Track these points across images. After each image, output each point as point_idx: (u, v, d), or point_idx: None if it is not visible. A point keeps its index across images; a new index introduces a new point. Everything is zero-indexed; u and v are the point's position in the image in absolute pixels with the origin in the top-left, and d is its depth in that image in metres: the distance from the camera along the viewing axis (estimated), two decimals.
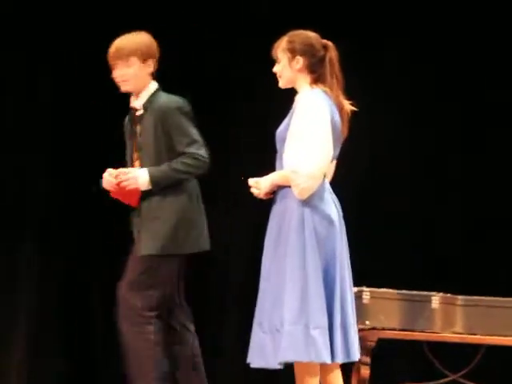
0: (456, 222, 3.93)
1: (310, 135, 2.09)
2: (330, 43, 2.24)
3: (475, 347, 3.09)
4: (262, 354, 2.10)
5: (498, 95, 3.93)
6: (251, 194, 2.23)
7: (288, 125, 2.18)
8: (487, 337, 3.01)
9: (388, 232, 3.81)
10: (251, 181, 2.19)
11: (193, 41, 3.97)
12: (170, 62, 4.02)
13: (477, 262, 3.89)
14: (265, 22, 3.86)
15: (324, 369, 2.12)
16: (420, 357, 3.12)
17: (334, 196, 2.21)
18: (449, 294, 3.05)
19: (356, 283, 2.92)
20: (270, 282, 2.13)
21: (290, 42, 2.22)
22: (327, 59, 2.21)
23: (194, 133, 2.47)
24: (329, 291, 2.09)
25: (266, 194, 2.18)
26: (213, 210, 2.73)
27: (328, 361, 2.07)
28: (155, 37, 4.04)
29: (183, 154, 2.44)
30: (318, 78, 2.21)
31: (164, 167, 2.44)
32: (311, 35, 2.24)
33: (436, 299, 3.00)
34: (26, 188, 3.78)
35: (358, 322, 2.88)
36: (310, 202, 2.11)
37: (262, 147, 2.98)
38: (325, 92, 2.18)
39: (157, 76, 2.92)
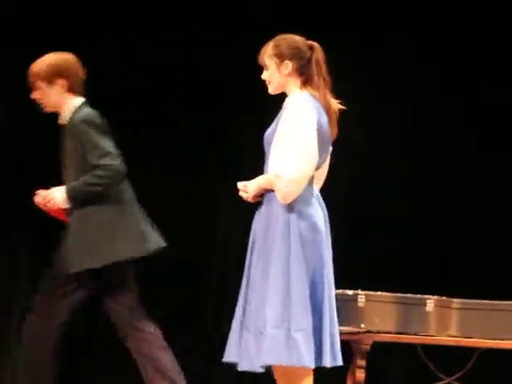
0: (457, 222, 3.96)
1: (295, 140, 2.10)
2: (315, 44, 2.25)
3: (470, 350, 3.08)
4: (249, 357, 2.11)
5: (498, 95, 3.93)
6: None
7: (275, 128, 2.19)
8: (482, 340, 3.00)
9: (386, 233, 3.84)
10: (240, 184, 2.20)
11: (193, 41, 3.98)
12: (170, 61, 4.10)
13: (477, 263, 3.91)
14: (265, 22, 3.85)
15: (291, 372, 2.12)
16: (415, 360, 3.12)
17: (321, 200, 2.21)
18: (444, 297, 3.04)
19: (350, 285, 2.97)
20: (255, 285, 2.14)
21: (276, 46, 2.22)
22: (314, 60, 2.22)
23: (106, 145, 2.54)
24: (316, 295, 2.10)
25: (254, 197, 2.18)
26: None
27: (310, 365, 2.07)
28: (155, 38, 4.09)
29: (96, 166, 2.51)
30: (306, 80, 2.22)
31: (78, 182, 2.55)
32: (297, 38, 2.24)
33: (431, 302, 2.99)
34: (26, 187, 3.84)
35: (353, 325, 2.93)
36: (295, 206, 2.12)
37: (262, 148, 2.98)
38: (313, 95, 2.19)
39: (157, 76, 2.96)
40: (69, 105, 2.62)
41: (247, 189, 2.18)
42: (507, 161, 3.85)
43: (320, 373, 2.30)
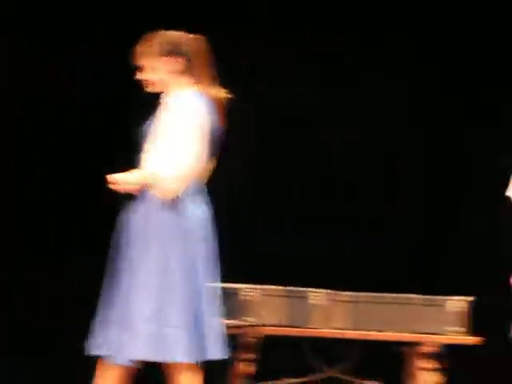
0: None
1: (178, 137, 2.09)
2: (197, 36, 2.22)
3: (354, 342, 3.16)
4: (120, 351, 2.10)
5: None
6: None
7: (155, 123, 2.16)
8: (365, 332, 3.08)
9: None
10: (110, 177, 2.14)
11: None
12: None
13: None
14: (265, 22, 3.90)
15: (176, 367, 2.13)
16: (301, 352, 3.17)
17: (205, 196, 2.20)
18: (329, 290, 3.10)
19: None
20: (130, 281, 2.12)
21: (156, 44, 2.18)
22: (196, 54, 2.19)
23: None
24: (193, 291, 2.11)
25: (128, 190, 2.14)
26: None
27: (183, 360, 2.09)
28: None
29: None
30: (190, 75, 2.19)
31: None
32: (175, 33, 2.21)
33: (316, 295, 3.04)
34: None
35: (239, 318, 2.94)
36: (173, 203, 2.11)
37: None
38: (198, 91, 2.17)
39: None
40: None
41: (119, 181, 2.12)
42: (506, 160, 3.92)
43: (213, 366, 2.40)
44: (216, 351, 2.15)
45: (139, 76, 2.22)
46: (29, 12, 3.78)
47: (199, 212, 2.17)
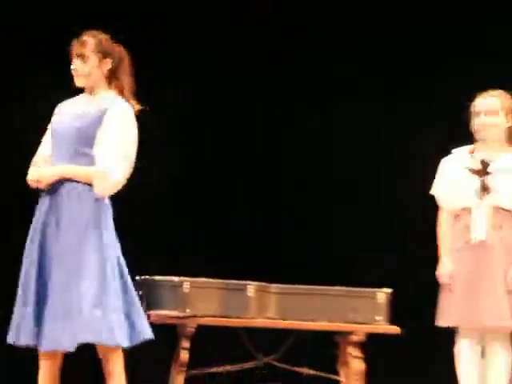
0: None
1: (126, 146, 2.31)
2: (121, 46, 2.40)
3: (288, 332, 3.35)
4: (56, 337, 2.25)
5: None
6: None
7: (96, 123, 2.31)
8: (297, 322, 3.27)
9: None
10: (34, 171, 2.36)
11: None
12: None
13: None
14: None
15: (111, 350, 2.30)
16: (237, 342, 3.33)
17: None
18: (263, 283, 3.28)
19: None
20: (61, 269, 2.27)
21: (100, 42, 2.35)
22: (121, 61, 2.38)
23: None
24: (121, 278, 2.32)
25: (47, 184, 2.31)
26: None
27: (125, 344, 2.28)
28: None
29: None
30: (118, 80, 2.39)
31: None
32: (109, 38, 2.39)
33: (251, 287, 3.21)
34: None
35: (178, 309, 3.09)
36: (104, 200, 2.33)
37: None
38: (127, 102, 2.36)
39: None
40: None
41: (40, 175, 2.32)
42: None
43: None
44: (145, 334, 2.35)
45: (73, 65, 2.34)
46: None
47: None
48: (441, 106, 4.03)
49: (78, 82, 2.37)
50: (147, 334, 2.35)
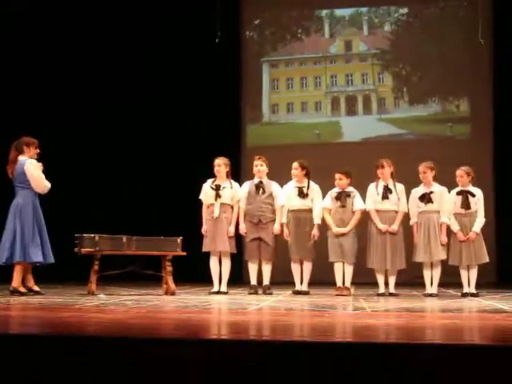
0: None
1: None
2: None
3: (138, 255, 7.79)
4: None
5: None
6: None
7: None
8: (143, 252, 7.73)
9: None
10: None
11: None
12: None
13: None
14: None
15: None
16: (118, 260, 7.71)
17: None
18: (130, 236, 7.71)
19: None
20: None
21: None
22: None
23: None
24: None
25: None
26: None
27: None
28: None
29: None
30: None
31: None
32: None
33: (124, 237, 7.59)
34: None
35: (93, 248, 7.44)
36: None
37: None
38: None
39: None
40: None
41: None
42: None
43: None
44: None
45: None
46: None
47: None
48: None
49: None
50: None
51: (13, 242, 7.04)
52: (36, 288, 7.27)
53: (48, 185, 7.26)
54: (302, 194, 7.77)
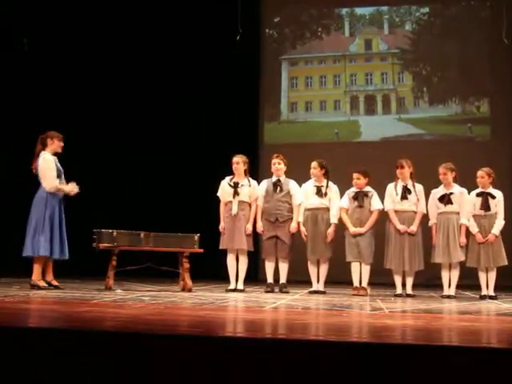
0: None
1: None
2: None
3: (154, 252, 7.81)
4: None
5: None
6: None
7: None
8: (162, 248, 7.74)
9: None
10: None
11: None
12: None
13: None
14: None
15: None
16: (137, 257, 7.74)
17: None
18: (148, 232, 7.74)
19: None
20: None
21: None
22: None
23: None
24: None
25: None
26: None
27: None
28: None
29: None
30: None
31: None
32: None
33: (142, 233, 7.62)
34: None
35: (112, 243, 7.47)
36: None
37: None
38: None
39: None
40: None
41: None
42: None
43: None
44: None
45: None
46: None
47: None
48: None
49: None
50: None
51: (25, 235, 7.16)
52: (55, 282, 7.31)
53: (54, 183, 7.23)
54: (320, 193, 7.75)
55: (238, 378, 2.96)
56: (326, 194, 7.76)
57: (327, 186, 7.79)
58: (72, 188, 7.22)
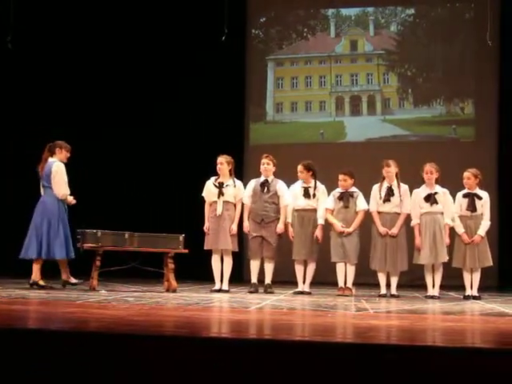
0: None
1: None
2: None
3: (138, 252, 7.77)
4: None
5: None
6: None
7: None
8: (144, 248, 7.70)
9: None
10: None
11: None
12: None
13: None
14: None
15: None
16: (121, 256, 7.70)
17: None
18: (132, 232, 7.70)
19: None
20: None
21: None
22: None
23: None
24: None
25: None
26: None
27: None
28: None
29: None
30: None
31: None
32: None
33: (127, 234, 7.58)
34: None
35: (96, 243, 7.43)
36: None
37: None
38: None
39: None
40: None
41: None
42: None
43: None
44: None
45: None
46: None
47: None
48: None
49: None
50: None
51: (39, 238, 7.26)
52: (73, 280, 7.59)
53: (67, 192, 7.49)
54: (307, 194, 7.75)
55: (224, 379, 2.95)
56: (314, 195, 7.76)
57: (315, 187, 7.79)
58: (72, 199, 7.54)
